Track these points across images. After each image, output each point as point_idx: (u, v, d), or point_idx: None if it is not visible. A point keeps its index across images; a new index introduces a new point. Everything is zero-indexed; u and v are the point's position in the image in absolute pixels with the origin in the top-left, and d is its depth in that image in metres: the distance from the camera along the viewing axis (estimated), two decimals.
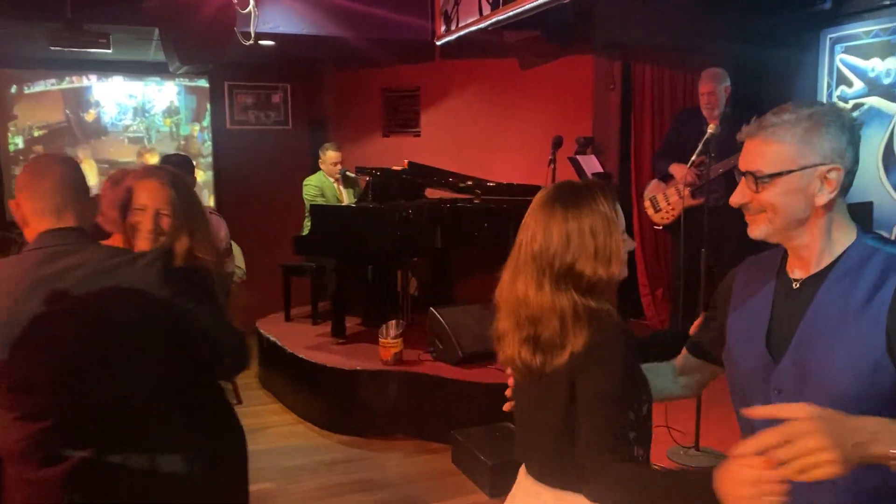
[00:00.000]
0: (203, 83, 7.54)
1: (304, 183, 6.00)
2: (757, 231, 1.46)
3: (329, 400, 5.02)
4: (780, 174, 1.37)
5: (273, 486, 4.13)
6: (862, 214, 5.07)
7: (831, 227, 1.40)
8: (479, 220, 5.50)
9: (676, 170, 4.80)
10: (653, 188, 5.06)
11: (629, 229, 5.75)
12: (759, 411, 1.23)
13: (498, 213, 5.51)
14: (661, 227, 5.13)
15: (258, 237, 6.85)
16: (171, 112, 7.59)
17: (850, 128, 1.37)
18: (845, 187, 1.38)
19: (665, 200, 4.95)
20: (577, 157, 5.53)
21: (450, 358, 4.89)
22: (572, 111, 5.95)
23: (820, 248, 1.41)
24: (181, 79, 7.44)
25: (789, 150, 1.37)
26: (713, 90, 4.74)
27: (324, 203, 5.80)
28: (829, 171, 1.35)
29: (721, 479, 1.22)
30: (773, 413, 1.18)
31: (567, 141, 5.31)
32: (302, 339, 5.60)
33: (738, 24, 5.64)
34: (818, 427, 1.12)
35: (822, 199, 1.37)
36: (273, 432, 4.96)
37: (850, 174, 1.38)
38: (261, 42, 5.71)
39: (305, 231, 5.73)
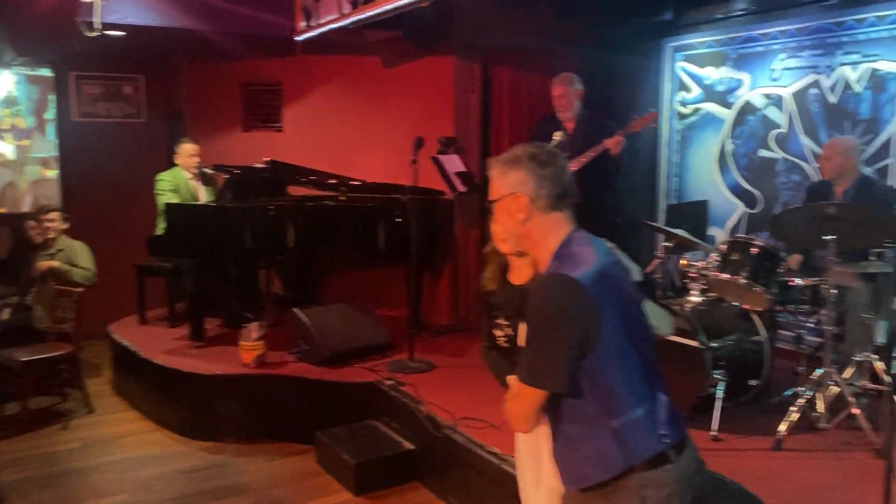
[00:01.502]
0: (46, 72, 7.04)
1: (157, 178, 5.75)
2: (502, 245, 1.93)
3: (188, 406, 4.87)
4: (494, 201, 1.85)
5: (128, 498, 3.98)
6: (698, 211, 5.49)
7: (543, 236, 1.81)
8: (344, 218, 5.50)
9: None
10: None
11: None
12: None
13: (363, 211, 5.53)
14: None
15: (110, 236, 6.51)
16: (9, 102, 7.05)
17: (538, 164, 1.80)
18: (544, 205, 1.79)
19: None
20: (439, 156, 5.63)
21: (314, 358, 4.87)
22: (435, 111, 6.05)
23: (540, 253, 1.82)
24: (20, 67, 6.92)
25: (496, 184, 1.85)
26: (564, 93, 4.97)
27: (178, 201, 5.58)
28: (516, 197, 1.80)
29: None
30: None
31: (430, 141, 5.40)
32: (158, 343, 5.40)
33: (591, 31, 5.93)
34: None
35: (521, 217, 1.79)
36: (128, 441, 4.75)
37: (541, 197, 1.79)
38: (108, 32, 5.43)
39: (160, 230, 5.51)
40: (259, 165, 5.49)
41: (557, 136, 4.32)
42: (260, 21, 6.01)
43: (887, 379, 3.65)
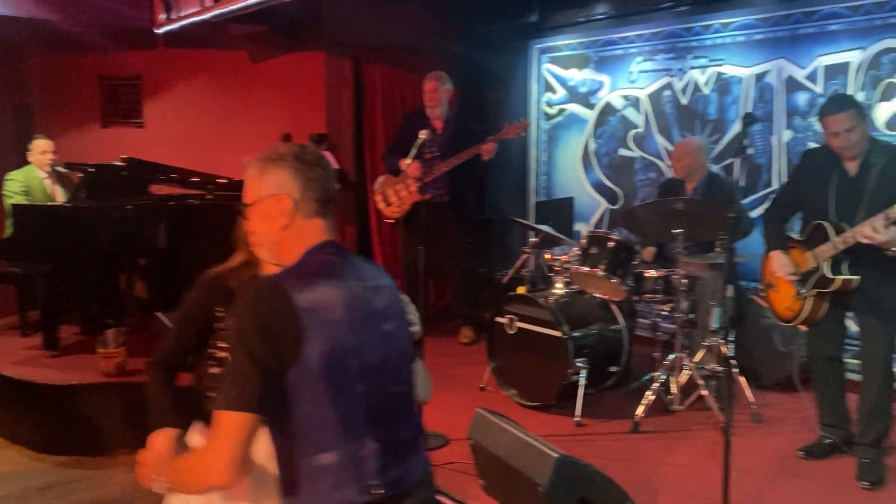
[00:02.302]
0: None
1: (6, 178, 5.35)
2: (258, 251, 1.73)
3: (42, 419, 4.55)
4: (249, 204, 1.65)
5: None
6: (564, 207, 5.69)
7: (296, 243, 1.61)
8: (210, 217, 5.31)
9: (405, 165, 5.02)
10: (383, 183, 5.22)
11: (365, 224, 6.00)
12: None
13: (230, 210, 5.35)
14: (392, 221, 5.31)
15: None
16: None
17: (304, 164, 1.62)
18: (307, 210, 1.60)
19: (395, 195, 5.14)
20: None
21: None
22: (305, 107, 5.97)
23: (283, 261, 1.63)
24: None
25: (253, 184, 1.65)
26: (435, 88, 5.04)
27: (29, 202, 5.22)
28: (279, 199, 1.60)
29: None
30: None
31: (300, 138, 5.32)
32: (8, 353, 5.05)
33: (461, 30, 6.03)
34: None
35: (281, 223, 1.60)
36: None
37: (306, 200, 1.60)
38: None
39: (8, 233, 5.13)
40: (116, 163, 5.22)
41: (423, 134, 4.38)
42: (118, 12, 5.74)
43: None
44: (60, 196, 5.51)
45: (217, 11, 4.92)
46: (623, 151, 5.82)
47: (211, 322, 1.99)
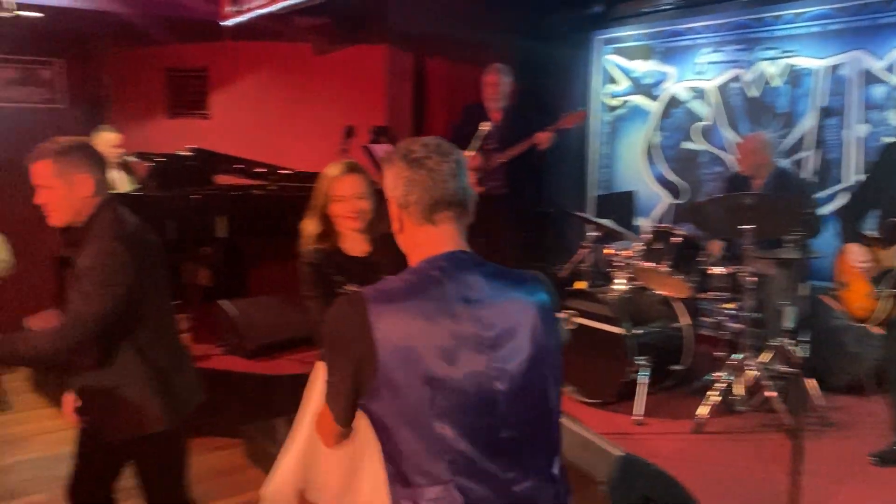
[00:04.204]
0: None
1: None
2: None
3: None
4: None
5: (44, 498, 3.82)
6: (625, 201, 5.60)
7: (410, 253, 1.51)
8: (273, 208, 5.39)
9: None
10: None
11: None
12: None
13: (291, 201, 5.42)
14: None
15: (26, 225, 6.22)
16: None
17: (409, 163, 1.45)
18: (415, 215, 1.46)
19: None
20: (371, 146, 5.58)
21: (241, 351, 4.78)
22: (366, 99, 6.00)
23: None
24: None
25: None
26: (497, 81, 5.02)
27: None
28: (391, 202, 1.50)
29: None
30: None
31: (361, 130, 5.36)
32: None
33: (522, 22, 5.97)
34: None
35: (395, 227, 1.52)
36: (45, 439, 4.57)
37: (410, 205, 1.45)
38: (23, 13, 5.19)
39: None
40: (184, 153, 5.34)
41: (484, 126, 4.37)
42: (186, 5, 5.85)
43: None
44: (125, 186, 5.67)
45: (284, 3, 4.98)
46: (687, 144, 5.68)
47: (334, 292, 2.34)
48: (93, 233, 2.27)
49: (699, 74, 5.56)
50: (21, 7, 5.14)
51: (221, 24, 5.85)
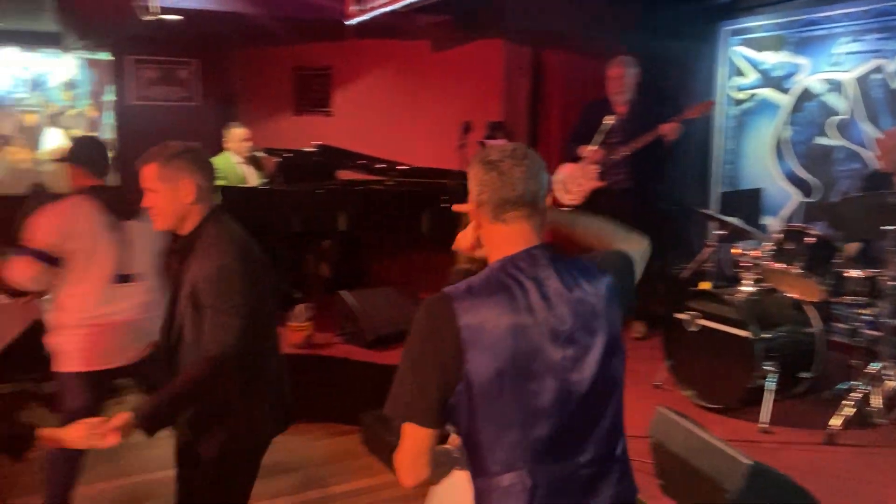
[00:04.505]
0: (105, 56, 7.23)
1: None
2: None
3: None
4: None
5: (165, 475, 4.06)
6: (752, 199, 5.36)
7: (489, 251, 1.61)
8: (391, 203, 5.52)
9: (586, 151, 4.94)
10: (563, 171, 5.19)
11: None
12: None
13: (409, 196, 5.54)
14: (569, 210, 5.26)
15: None
16: (69, 86, 7.26)
17: (484, 165, 1.55)
18: (487, 214, 1.56)
19: (574, 183, 5.08)
20: (487, 141, 5.61)
21: (359, 340, 4.92)
22: (483, 95, 6.03)
23: None
24: (81, 52, 7.11)
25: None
26: (621, 74, 4.92)
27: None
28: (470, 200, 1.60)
29: None
30: None
31: (478, 125, 5.39)
32: None
33: (644, 14, 5.82)
34: None
35: (474, 224, 1.64)
36: None
37: (483, 203, 1.55)
38: (165, 17, 5.53)
39: None
40: (309, 149, 5.55)
41: (609, 119, 4.30)
42: (311, 5, 6.05)
43: None
44: (253, 179, 5.95)
45: (406, 1, 5.07)
46: (821, 140, 5.37)
47: None
48: (200, 244, 2.24)
49: (836, 66, 5.24)
50: (163, 11, 5.47)
51: (346, 23, 6.02)
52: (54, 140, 7.27)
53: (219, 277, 2.15)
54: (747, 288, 3.94)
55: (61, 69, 7.19)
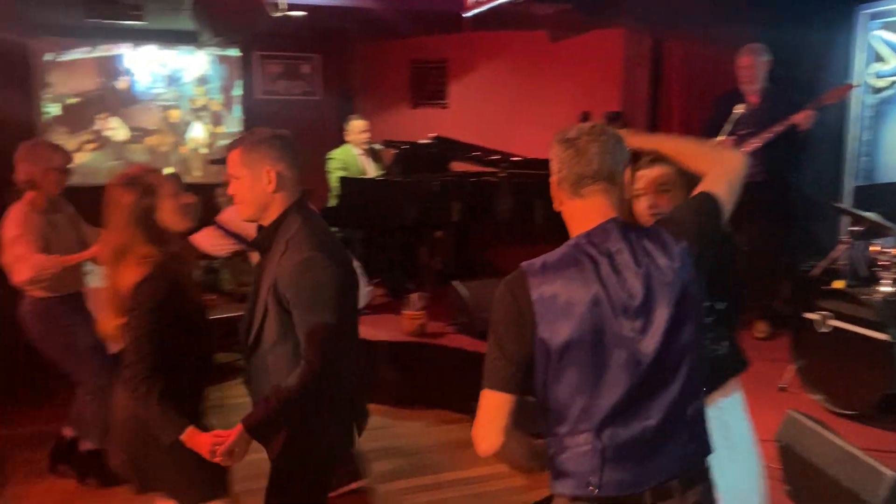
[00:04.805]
0: (234, 52, 7.59)
1: (328, 157, 6.04)
2: None
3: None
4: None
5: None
6: (890, 194, 5.02)
7: (569, 226, 1.69)
8: (505, 194, 5.52)
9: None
10: None
11: None
12: None
13: (522, 187, 5.52)
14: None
15: None
16: (201, 81, 7.66)
17: (562, 143, 1.64)
18: (566, 190, 1.64)
19: None
20: None
21: (472, 331, 4.95)
22: (601, 85, 5.92)
23: None
24: (213, 48, 7.49)
25: None
26: (752, 63, 4.73)
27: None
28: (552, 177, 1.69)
29: None
30: None
31: (595, 116, 5.30)
32: None
33: (772, 1, 5.54)
34: None
35: (557, 201, 1.70)
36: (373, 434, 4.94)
37: (562, 180, 1.64)
38: (291, 13, 5.74)
39: (331, 203, 5.80)
40: (425, 141, 5.62)
41: (739, 108, 4.13)
42: None
43: None
44: (372, 171, 6.09)
45: None
46: None
47: None
48: (281, 235, 2.15)
49: None
50: (289, 7, 5.68)
51: (463, 15, 6.05)
52: (198, 133, 7.72)
53: (303, 270, 2.05)
54: (886, 288, 3.69)
55: (194, 65, 7.60)
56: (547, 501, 1.69)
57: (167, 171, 2.77)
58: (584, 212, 1.60)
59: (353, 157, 6.03)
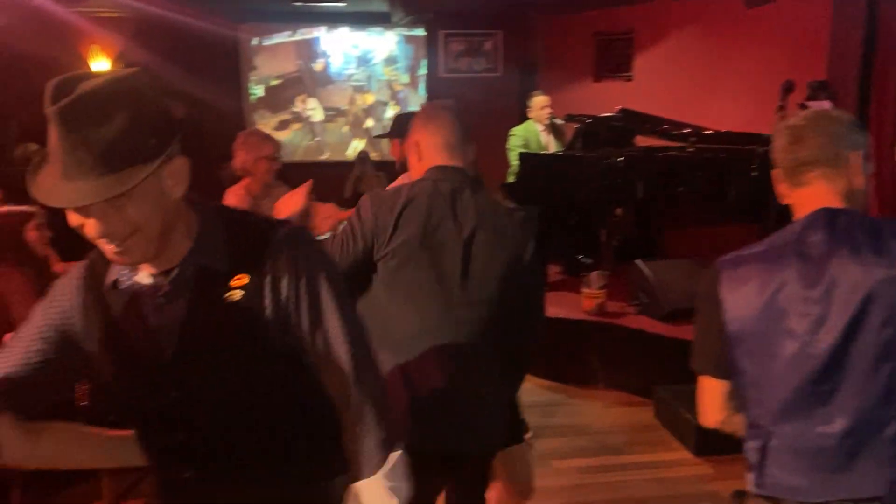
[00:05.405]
0: (420, 32, 7.80)
1: (510, 133, 6.06)
2: None
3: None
4: None
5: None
6: None
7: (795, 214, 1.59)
8: (693, 170, 5.25)
9: None
10: None
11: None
12: None
13: (713, 163, 5.23)
14: None
15: None
16: (390, 61, 7.96)
17: (786, 129, 1.56)
18: (790, 177, 1.57)
19: None
20: (809, 102, 5.09)
21: (654, 312, 4.80)
22: (803, 53, 5.46)
23: None
24: (400, 28, 7.75)
25: None
26: None
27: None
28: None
29: None
30: None
31: (798, 85, 4.91)
32: None
33: None
34: None
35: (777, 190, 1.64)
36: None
37: (785, 167, 1.58)
38: None
39: (510, 179, 5.83)
40: (609, 115, 5.48)
41: None
42: None
43: None
44: (553, 147, 6.04)
45: None
46: None
47: None
48: None
49: None
50: None
51: None
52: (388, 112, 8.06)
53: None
54: None
55: (383, 46, 7.91)
56: (741, 494, 1.65)
57: (358, 149, 2.91)
58: (804, 201, 1.52)
59: (534, 133, 6.02)
